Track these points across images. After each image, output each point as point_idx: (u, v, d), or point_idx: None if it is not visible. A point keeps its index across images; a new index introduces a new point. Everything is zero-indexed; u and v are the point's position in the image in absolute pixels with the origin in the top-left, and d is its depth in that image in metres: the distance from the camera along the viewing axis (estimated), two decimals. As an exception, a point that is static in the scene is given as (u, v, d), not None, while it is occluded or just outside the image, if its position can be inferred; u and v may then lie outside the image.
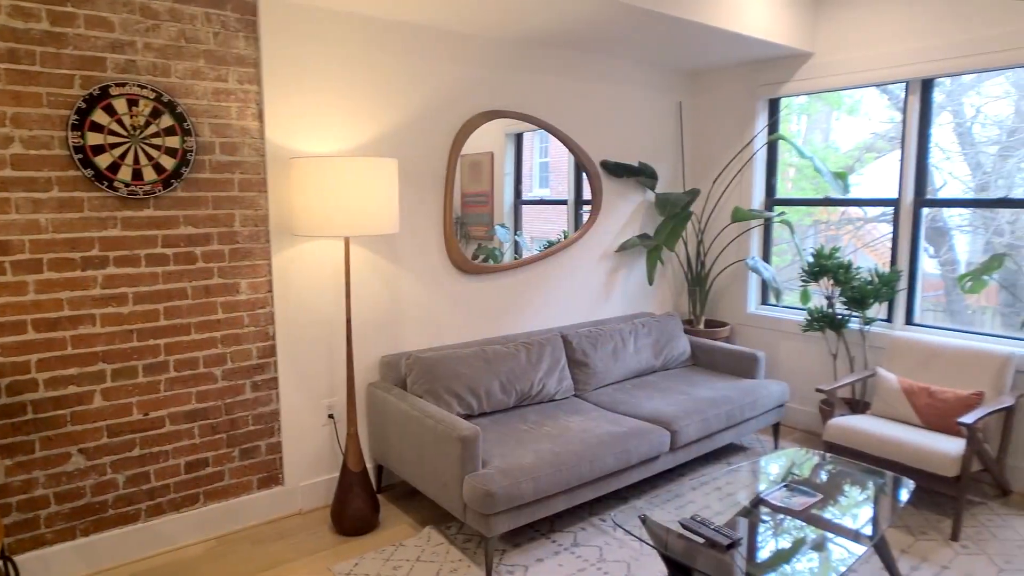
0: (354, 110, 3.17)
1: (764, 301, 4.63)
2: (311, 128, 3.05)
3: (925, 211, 3.79)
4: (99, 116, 2.52)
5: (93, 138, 2.52)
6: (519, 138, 3.85)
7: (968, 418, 2.88)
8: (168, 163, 2.69)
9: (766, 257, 4.61)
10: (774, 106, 4.46)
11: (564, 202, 4.17)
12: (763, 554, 2.12)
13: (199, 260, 2.82)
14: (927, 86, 3.70)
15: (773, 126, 4.46)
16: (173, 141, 2.69)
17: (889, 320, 3.93)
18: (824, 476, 2.68)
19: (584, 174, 4.19)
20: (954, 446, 2.95)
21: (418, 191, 3.44)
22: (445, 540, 2.92)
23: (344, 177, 2.69)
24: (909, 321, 3.87)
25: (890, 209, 3.93)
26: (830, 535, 2.23)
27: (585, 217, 4.24)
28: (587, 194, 4.23)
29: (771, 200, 4.52)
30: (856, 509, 2.41)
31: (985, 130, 3.72)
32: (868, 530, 2.26)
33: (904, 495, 2.50)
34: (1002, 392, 3.21)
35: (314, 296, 3.14)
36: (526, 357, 3.49)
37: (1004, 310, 3.72)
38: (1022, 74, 3.48)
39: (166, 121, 2.67)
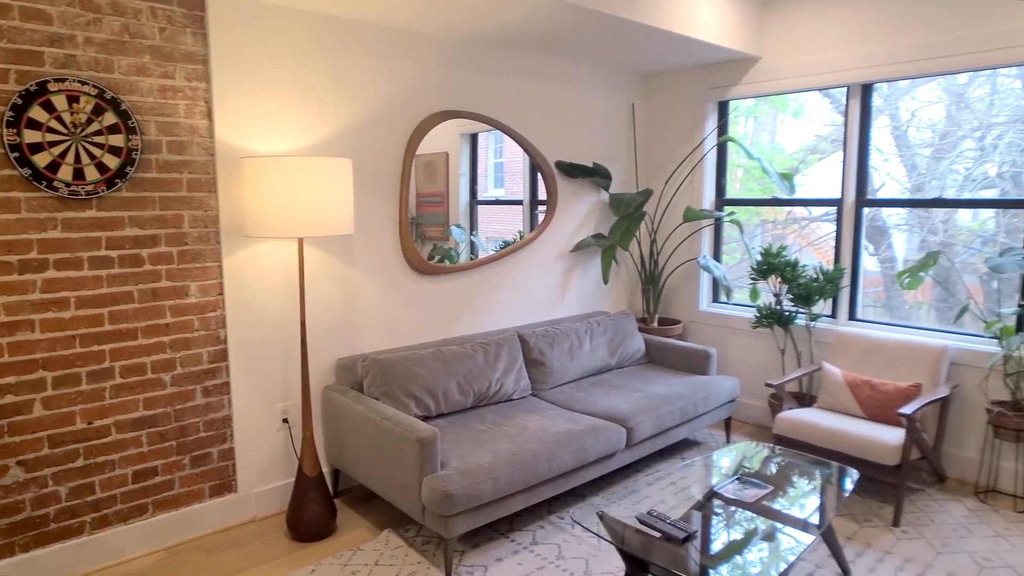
0: (307, 109, 3.12)
1: (715, 299, 4.74)
2: (263, 127, 2.99)
3: (866, 211, 3.95)
4: (37, 113, 2.42)
5: (30, 136, 2.41)
6: (474, 138, 3.85)
7: (907, 409, 3.02)
8: (112, 162, 2.60)
9: (717, 256, 4.72)
10: (723, 108, 4.57)
11: (520, 202, 4.19)
12: (716, 546, 2.18)
13: (146, 262, 2.73)
14: (867, 91, 3.85)
15: (722, 128, 4.57)
16: (117, 139, 2.60)
17: (833, 316, 4.08)
18: (774, 468, 2.77)
19: (539, 174, 4.22)
20: (895, 436, 3.09)
21: (373, 191, 3.40)
22: (404, 543, 2.90)
23: (297, 177, 2.65)
24: (852, 317, 4.03)
25: (833, 209, 4.08)
26: (780, 525, 2.30)
27: (541, 217, 4.27)
28: (542, 194, 4.27)
29: (721, 200, 4.64)
30: (804, 499, 2.49)
31: (919, 133, 3.90)
32: (816, 519, 2.35)
33: (849, 484, 2.60)
34: (938, 383, 3.37)
35: (267, 298, 3.08)
36: (483, 357, 3.49)
37: (938, 305, 3.90)
38: (952, 80, 3.65)
39: (109, 119, 2.58)
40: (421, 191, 3.62)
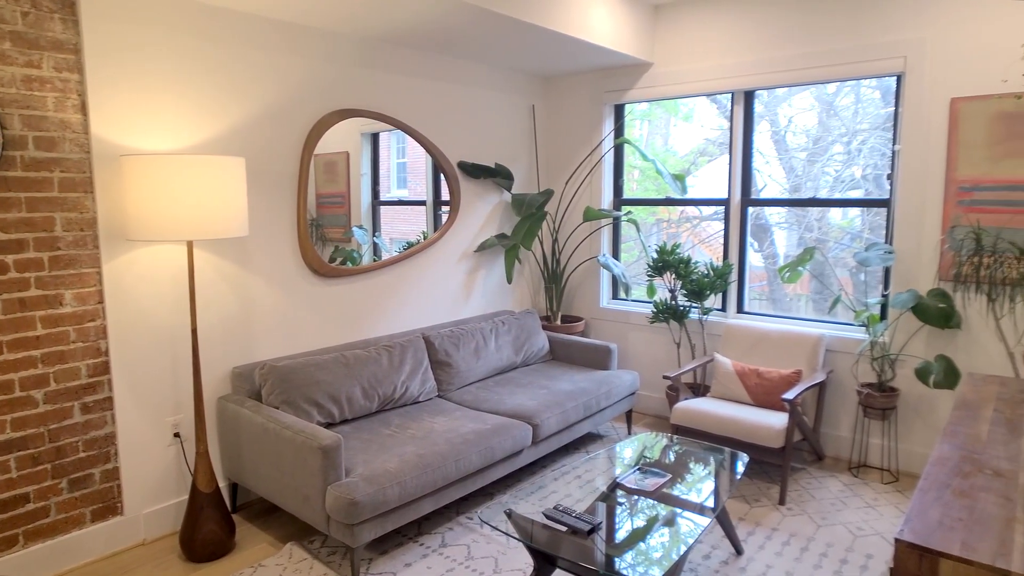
0: (195, 105, 2.95)
1: (615, 296, 4.91)
2: (146, 123, 2.80)
3: (750, 210, 4.21)
4: None
5: None
6: (375, 138, 3.79)
7: (789, 394, 3.25)
8: (-33, 160, 2.35)
9: (615, 254, 4.89)
10: (619, 111, 4.74)
11: (423, 203, 4.16)
12: (621, 535, 2.26)
13: (11, 269, 2.49)
14: (749, 97, 4.11)
15: (619, 130, 4.73)
16: (-27, 135, 2.36)
17: (723, 309, 4.32)
18: (672, 457, 2.90)
19: (442, 175, 4.21)
20: (779, 420, 3.31)
21: (269, 191, 3.27)
22: (308, 555, 2.81)
23: (185, 177, 2.50)
24: (740, 310, 4.29)
25: (721, 208, 4.32)
26: (679, 511, 2.42)
27: (444, 218, 4.26)
28: (446, 195, 4.25)
29: (619, 200, 4.80)
30: (700, 485, 2.63)
31: (796, 138, 4.20)
32: (711, 503, 2.48)
33: (740, 468, 2.77)
34: (816, 369, 3.65)
35: (154, 306, 2.89)
36: (388, 360, 3.44)
37: (815, 296, 4.22)
38: (823, 90, 3.96)
39: (-37, 112, 2.33)
40: (321, 191, 3.51)
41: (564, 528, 2.26)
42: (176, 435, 3.01)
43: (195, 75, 2.95)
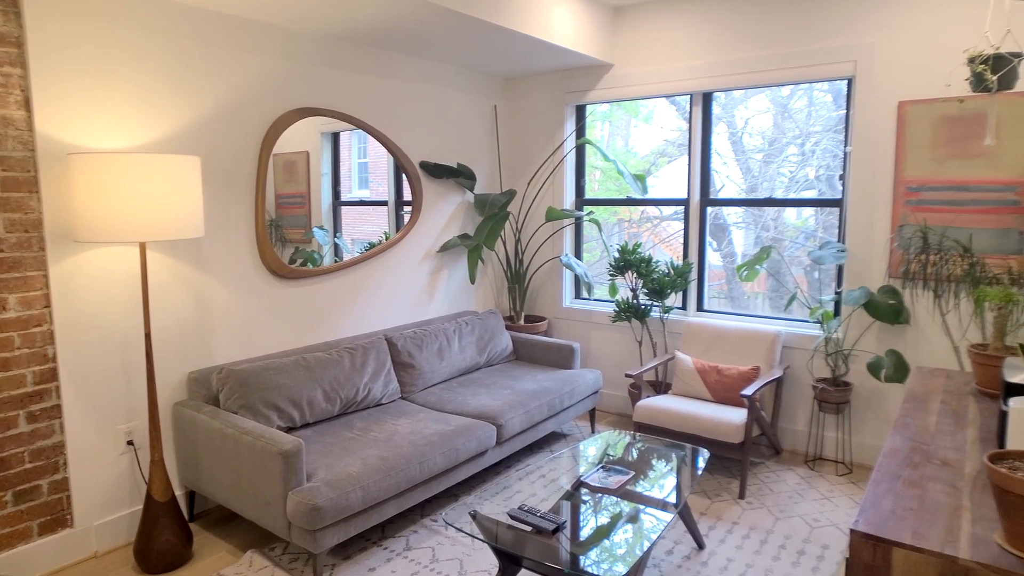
0: (147, 102, 2.87)
1: (578, 295, 4.94)
2: (96, 121, 2.71)
3: (709, 210, 4.28)
4: None
5: None
6: (336, 137, 3.74)
7: (748, 390, 3.31)
8: (-99, 159, 2.24)
9: (578, 254, 4.92)
10: (581, 112, 4.77)
11: (385, 203, 4.11)
12: (585, 532, 2.27)
13: (-51, 274, 2.39)
14: (707, 99, 4.18)
15: (580, 131, 4.77)
16: (-93, 132, 2.25)
17: (684, 308, 4.39)
18: (635, 454, 2.93)
19: (404, 175, 4.17)
20: (739, 416, 3.38)
21: (226, 191, 3.20)
22: (269, 563, 2.76)
23: (137, 176, 2.43)
24: (700, 308, 4.36)
25: (681, 208, 4.38)
26: (643, 507, 2.44)
27: (406, 218, 4.23)
28: (408, 195, 4.22)
29: (581, 200, 4.83)
30: (663, 481, 2.66)
31: (752, 140, 4.29)
32: (673, 499, 2.52)
33: (701, 464, 2.82)
34: (773, 365, 3.73)
35: (105, 310, 2.80)
36: (350, 362, 3.40)
37: (771, 294, 4.32)
38: (778, 93, 4.06)
39: None
40: (280, 192, 3.45)
41: (529, 528, 2.26)
42: (129, 443, 2.92)
43: (147, 72, 2.86)
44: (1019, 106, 3.10)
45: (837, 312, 3.80)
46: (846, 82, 3.70)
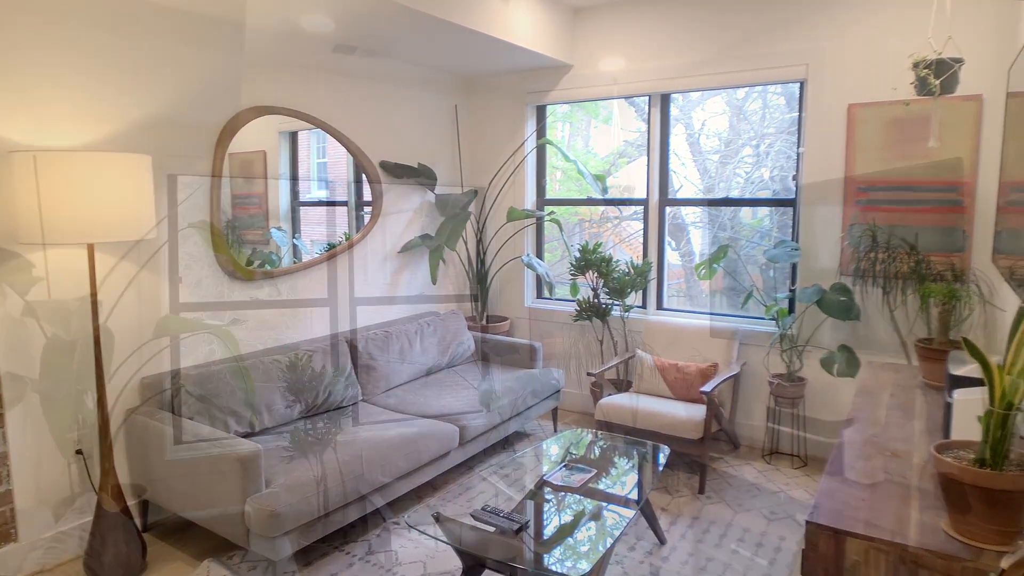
0: (94, 99, 2.77)
1: (539, 295, 4.96)
2: (38, 118, 2.60)
3: (668, 210, 4.35)
4: None
5: None
6: (294, 137, 3.67)
7: (707, 387, 3.37)
8: None
9: (539, 254, 4.94)
10: (541, 112, 4.79)
11: (344, 203, 4.06)
12: (549, 531, 2.28)
13: None
14: (665, 101, 4.24)
15: (541, 131, 4.78)
16: None
17: (644, 306, 4.44)
18: (597, 452, 2.96)
19: (364, 175, 4.13)
20: (698, 412, 3.44)
21: (180, 191, 3.11)
22: (227, 571, 2.69)
23: (84, 176, 2.34)
24: (660, 306, 4.42)
25: (640, 208, 4.44)
26: (605, 505, 2.46)
27: (367, 219, 4.18)
28: (368, 195, 4.17)
29: (542, 200, 4.85)
30: (625, 478, 2.69)
31: (709, 141, 4.38)
32: (635, 496, 2.55)
33: (662, 460, 2.86)
34: (731, 362, 3.81)
35: (51, 315, 2.69)
36: (310, 365, 3.34)
37: (729, 292, 4.41)
38: (733, 95, 4.14)
39: None
40: (237, 192, 3.37)
41: (492, 528, 2.26)
42: (78, 452, 2.81)
43: (99, 67, 2.76)
44: (961, 109, 3.23)
45: (791, 309, 3.90)
46: (799, 85, 3.79)
